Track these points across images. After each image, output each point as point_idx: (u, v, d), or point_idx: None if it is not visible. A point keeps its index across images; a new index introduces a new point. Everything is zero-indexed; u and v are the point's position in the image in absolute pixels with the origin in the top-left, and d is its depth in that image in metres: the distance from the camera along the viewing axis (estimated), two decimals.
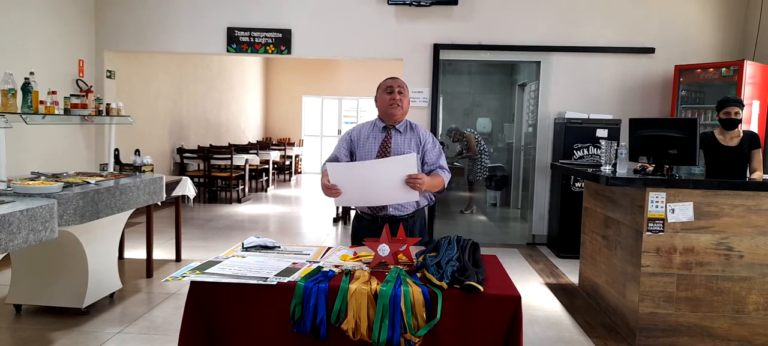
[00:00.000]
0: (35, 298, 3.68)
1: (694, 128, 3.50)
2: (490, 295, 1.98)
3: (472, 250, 2.28)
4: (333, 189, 2.53)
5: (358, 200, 2.68)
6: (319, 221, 7.69)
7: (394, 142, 2.75)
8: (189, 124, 9.62)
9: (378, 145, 2.75)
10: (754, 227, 3.40)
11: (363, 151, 2.76)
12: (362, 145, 2.77)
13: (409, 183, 2.50)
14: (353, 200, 2.68)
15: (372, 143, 2.76)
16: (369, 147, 2.76)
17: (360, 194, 2.61)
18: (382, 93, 2.77)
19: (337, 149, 2.83)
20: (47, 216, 2.68)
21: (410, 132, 2.81)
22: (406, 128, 2.81)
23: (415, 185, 2.50)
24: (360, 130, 2.83)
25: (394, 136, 2.77)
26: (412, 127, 2.83)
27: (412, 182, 2.50)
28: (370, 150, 2.76)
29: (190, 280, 2.04)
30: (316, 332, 1.96)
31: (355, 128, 2.86)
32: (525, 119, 7.64)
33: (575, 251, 5.11)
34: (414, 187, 2.51)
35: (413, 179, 2.50)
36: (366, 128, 2.83)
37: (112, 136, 4.93)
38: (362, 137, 2.79)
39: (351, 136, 2.82)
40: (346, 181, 2.55)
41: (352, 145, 2.80)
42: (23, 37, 5.34)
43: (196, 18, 6.47)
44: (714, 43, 6.24)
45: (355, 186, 2.56)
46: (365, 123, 2.88)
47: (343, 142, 2.83)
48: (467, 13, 6.30)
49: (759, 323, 3.45)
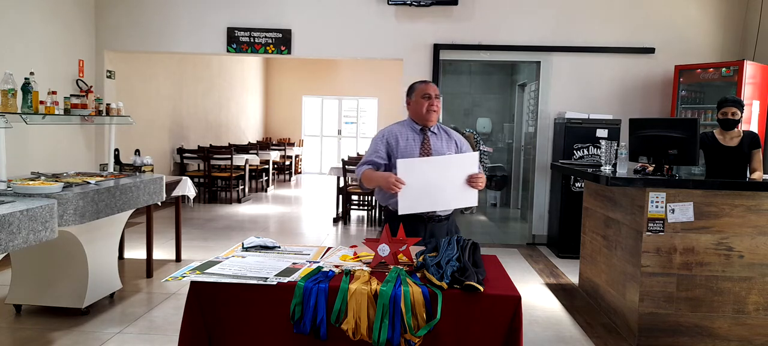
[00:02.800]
0: (35, 298, 3.68)
1: (694, 128, 3.50)
2: (490, 295, 1.98)
3: (472, 250, 2.28)
4: (399, 182, 2.50)
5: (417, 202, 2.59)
6: (319, 221, 7.69)
7: (433, 145, 2.77)
8: (189, 125, 9.62)
9: (418, 147, 2.76)
10: (754, 227, 3.40)
11: (403, 153, 2.74)
12: (402, 146, 2.75)
13: (471, 182, 2.56)
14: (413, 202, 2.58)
15: (412, 144, 2.76)
16: (409, 147, 2.75)
17: (422, 194, 2.57)
18: (419, 98, 2.77)
19: (373, 152, 2.78)
20: (47, 216, 2.68)
21: (445, 135, 2.84)
22: (439, 130, 2.84)
23: (477, 184, 2.56)
24: (394, 132, 2.81)
25: (431, 138, 2.79)
26: (447, 133, 2.87)
27: (474, 181, 2.56)
28: (411, 150, 2.75)
29: (190, 280, 2.04)
30: (316, 332, 1.96)
31: (387, 131, 2.84)
32: (525, 119, 7.65)
33: (575, 251, 5.11)
34: (475, 185, 2.56)
35: (475, 177, 2.56)
36: (400, 131, 2.81)
37: (112, 136, 4.93)
38: (400, 138, 2.78)
39: (387, 139, 2.79)
40: (414, 176, 2.54)
41: (389, 147, 2.77)
42: (23, 37, 5.34)
43: (196, 18, 6.47)
44: (714, 43, 6.24)
45: (420, 184, 2.54)
46: (396, 125, 2.86)
47: (379, 143, 2.79)
48: (467, 13, 6.30)
49: (759, 323, 3.45)
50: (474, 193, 2.63)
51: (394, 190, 2.54)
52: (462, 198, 2.63)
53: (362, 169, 2.76)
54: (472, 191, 2.61)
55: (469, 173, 2.59)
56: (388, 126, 2.89)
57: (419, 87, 2.81)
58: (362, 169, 2.76)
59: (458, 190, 2.59)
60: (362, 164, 2.79)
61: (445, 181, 2.59)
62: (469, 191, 2.60)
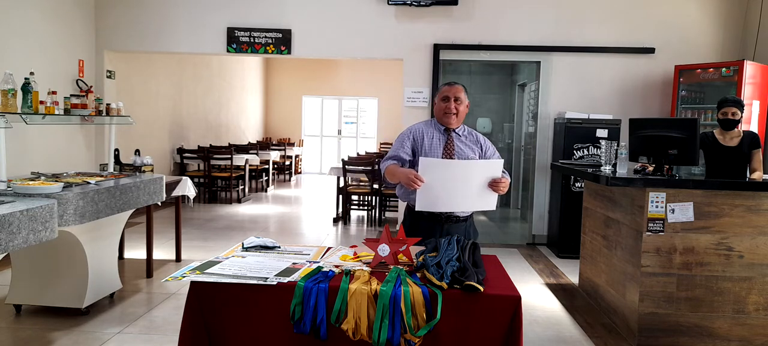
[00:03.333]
0: (35, 298, 3.68)
1: (694, 128, 3.50)
2: (490, 295, 1.98)
3: (472, 250, 2.28)
4: (418, 179, 2.51)
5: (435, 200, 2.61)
6: (319, 221, 7.69)
7: (457, 147, 2.79)
8: (189, 124, 9.62)
9: (442, 147, 2.78)
10: (754, 227, 3.40)
11: (428, 152, 2.77)
12: (427, 144, 2.78)
13: (493, 186, 2.57)
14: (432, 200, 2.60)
15: (436, 143, 2.78)
16: (434, 146, 2.77)
17: (441, 193, 2.59)
18: (439, 100, 2.80)
19: (399, 147, 2.80)
20: (47, 216, 2.68)
21: (470, 137, 2.86)
22: (464, 132, 2.85)
23: (500, 188, 2.57)
24: (421, 130, 2.84)
25: (455, 139, 2.81)
26: (473, 135, 2.88)
27: (496, 186, 2.57)
28: (435, 149, 2.77)
29: (190, 280, 2.04)
30: (316, 332, 1.96)
31: (414, 128, 2.87)
32: (525, 119, 7.65)
33: (575, 251, 5.11)
34: (497, 189, 2.58)
35: (498, 181, 2.57)
36: (426, 129, 2.84)
37: (112, 136, 4.93)
38: (425, 136, 2.80)
39: (413, 135, 2.82)
40: (434, 175, 2.55)
41: (415, 144, 2.80)
42: (23, 37, 5.34)
43: (196, 18, 6.47)
44: (714, 43, 6.24)
45: (440, 184, 2.56)
46: (422, 123, 2.89)
47: (405, 139, 2.81)
48: (467, 13, 6.30)
49: (759, 323, 3.45)
50: (494, 197, 2.63)
51: (413, 186, 2.55)
52: (481, 201, 2.64)
53: (387, 164, 2.77)
54: (492, 195, 2.62)
55: (492, 177, 2.59)
56: (416, 123, 2.92)
57: (442, 88, 2.82)
58: (387, 163, 2.77)
59: (478, 193, 2.60)
60: (387, 159, 2.80)
61: (466, 183, 2.60)
62: (489, 195, 2.61)
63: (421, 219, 2.76)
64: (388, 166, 2.74)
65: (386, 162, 2.79)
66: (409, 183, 2.56)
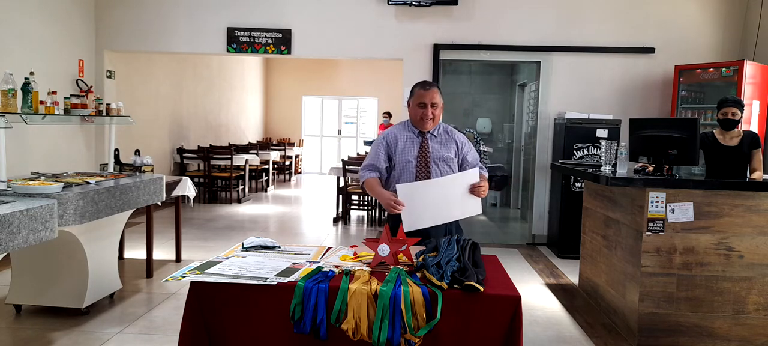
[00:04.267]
0: (35, 298, 3.68)
1: (694, 128, 3.50)
2: (490, 295, 1.98)
3: (472, 250, 2.28)
4: (399, 204, 2.55)
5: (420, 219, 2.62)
6: (319, 221, 7.69)
7: (432, 148, 2.79)
8: (189, 124, 9.62)
9: (416, 151, 2.78)
10: (754, 227, 3.40)
11: (402, 157, 2.78)
12: (400, 150, 2.79)
13: (474, 191, 2.61)
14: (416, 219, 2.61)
15: (410, 148, 2.78)
16: (407, 151, 2.78)
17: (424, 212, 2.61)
18: (414, 105, 2.79)
19: (375, 156, 2.82)
20: (47, 216, 2.68)
21: (445, 136, 2.85)
22: (440, 133, 2.85)
23: (480, 192, 2.61)
24: (394, 134, 2.84)
25: (430, 140, 2.81)
26: (448, 133, 2.87)
27: (476, 190, 2.61)
28: (408, 154, 2.78)
29: (190, 280, 2.04)
30: (316, 332, 1.96)
31: (388, 133, 2.87)
32: (525, 119, 7.64)
33: (575, 251, 5.11)
34: (478, 193, 2.61)
35: (478, 186, 2.60)
36: (399, 133, 2.84)
37: (112, 136, 4.93)
38: (399, 140, 2.81)
39: (387, 141, 2.83)
40: (414, 199, 2.58)
41: (389, 150, 2.82)
42: (23, 37, 5.34)
43: (196, 18, 6.47)
44: (714, 43, 6.24)
45: (421, 204, 2.59)
46: (396, 127, 2.89)
47: (380, 147, 2.83)
48: (467, 13, 6.30)
49: (759, 323, 3.45)
50: (477, 202, 2.66)
51: (394, 212, 2.59)
52: (465, 209, 2.67)
53: (365, 176, 2.81)
54: (475, 200, 2.65)
55: (471, 183, 2.62)
56: (390, 128, 2.93)
57: (417, 92, 2.81)
58: (365, 175, 2.81)
59: (461, 202, 2.64)
60: (364, 169, 2.83)
61: (447, 197, 2.63)
62: (472, 201, 2.64)
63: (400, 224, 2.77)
64: (367, 181, 2.78)
65: (364, 174, 2.81)
66: (389, 208, 2.60)
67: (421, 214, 2.61)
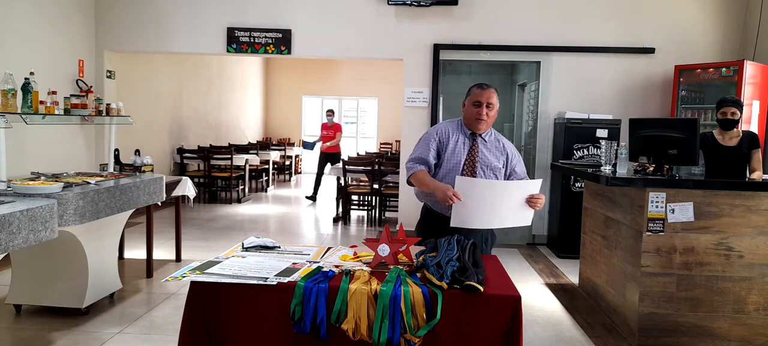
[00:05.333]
0: (35, 298, 3.68)
1: (694, 128, 3.50)
2: (490, 295, 1.98)
3: (472, 250, 2.28)
4: (456, 197, 2.47)
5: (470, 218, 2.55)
6: (319, 221, 7.69)
7: (481, 153, 2.74)
8: (189, 124, 9.62)
9: (466, 154, 2.73)
10: (754, 227, 3.40)
11: (452, 157, 2.73)
12: (451, 149, 2.74)
13: (530, 202, 2.54)
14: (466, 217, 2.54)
15: (461, 150, 2.73)
16: (458, 153, 2.73)
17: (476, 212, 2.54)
18: (470, 104, 2.73)
19: (424, 150, 2.75)
20: (47, 216, 2.68)
21: (496, 144, 2.80)
22: (491, 138, 2.80)
23: (536, 205, 2.55)
24: (446, 131, 2.78)
25: (480, 145, 2.76)
26: (500, 141, 2.82)
27: (533, 202, 2.54)
28: (458, 157, 2.73)
29: (190, 280, 2.04)
30: (316, 332, 1.96)
31: (440, 128, 2.81)
32: (525, 119, 7.64)
33: (575, 251, 5.11)
34: (534, 206, 2.55)
35: (535, 198, 2.54)
36: (451, 130, 2.78)
37: (112, 136, 4.93)
38: (450, 139, 2.75)
39: (439, 137, 2.76)
40: (470, 194, 2.50)
41: (440, 146, 2.76)
42: (23, 37, 5.34)
43: (196, 18, 6.47)
44: (714, 43, 6.24)
45: (477, 202, 2.52)
46: (449, 123, 2.83)
47: (431, 142, 2.76)
48: (467, 13, 6.30)
49: (759, 323, 3.45)
50: (530, 213, 2.59)
51: (449, 203, 2.50)
52: (516, 218, 2.59)
53: (416, 169, 2.71)
54: (528, 212, 2.58)
55: (530, 194, 2.56)
56: (442, 123, 2.87)
57: (474, 92, 2.75)
58: (416, 167, 2.72)
59: (514, 211, 2.56)
60: (414, 162, 2.75)
61: (503, 203, 2.56)
62: (524, 212, 2.57)
63: (440, 222, 2.71)
64: (416, 173, 2.69)
65: (413, 166, 2.73)
66: (445, 200, 2.50)
67: (472, 213, 2.53)
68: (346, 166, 7.33)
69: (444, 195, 2.51)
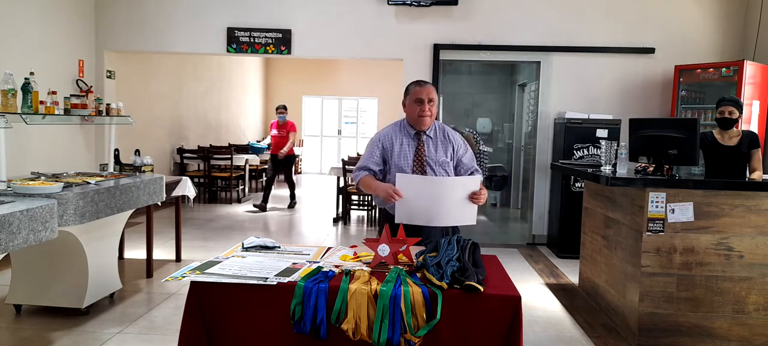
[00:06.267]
0: (35, 298, 3.68)
1: (694, 128, 3.51)
2: (490, 295, 1.98)
3: (472, 250, 2.28)
4: (396, 194, 2.52)
5: (413, 214, 2.59)
6: (319, 221, 7.69)
7: (427, 150, 2.77)
8: (189, 125, 9.62)
9: (412, 153, 2.76)
10: (754, 227, 3.40)
11: (398, 159, 2.76)
12: (396, 152, 2.77)
13: (473, 199, 2.56)
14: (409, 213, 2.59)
15: (406, 150, 2.76)
16: (403, 154, 2.76)
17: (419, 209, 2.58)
18: (412, 102, 2.76)
19: (368, 158, 2.80)
20: (47, 216, 2.68)
21: (441, 137, 2.82)
22: (436, 133, 2.82)
23: (479, 200, 2.57)
24: (390, 136, 2.81)
25: (426, 142, 2.78)
26: (444, 133, 2.83)
27: (476, 198, 2.56)
28: (405, 157, 2.75)
29: (190, 280, 2.04)
30: (316, 332, 1.96)
31: (383, 134, 2.84)
32: (525, 119, 7.64)
33: (575, 251, 5.11)
34: (476, 201, 2.57)
35: (477, 195, 2.56)
36: (395, 134, 2.81)
37: (112, 136, 4.93)
38: (395, 143, 2.78)
39: (382, 143, 2.80)
40: (412, 192, 2.55)
41: (385, 153, 2.79)
42: (23, 37, 5.34)
43: (196, 18, 6.47)
44: (714, 43, 6.24)
45: (418, 199, 2.55)
46: (392, 127, 2.86)
47: (375, 148, 2.80)
48: (467, 13, 6.30)
49: (759, 323, 3.45)
50: (473, 210, 2.61)
51: (391, 201, 2.56)
52: (460, 216, 2.62)
53: (360, 175, 2.79)
54: (471, 208, 2.60)
55: (471, 191, 2.58)
56: (384, 128, 2.89)
57: (413, 90, 2.79)
58: (360, 174, 2.79)
59: (457, 207, 2.59)
60: (359, 169, 2.81)
61: (444, 199, 2.58)
62: (468, 208, 2.59)
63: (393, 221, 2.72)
64: (362, 179, 2.76)
65: (359, 172, 2.80)
66: (387, 198, 2.57)
67: (414, 209, 2.58)
68: (345, 166, 7.33)
69: (386, 193, 2.57)
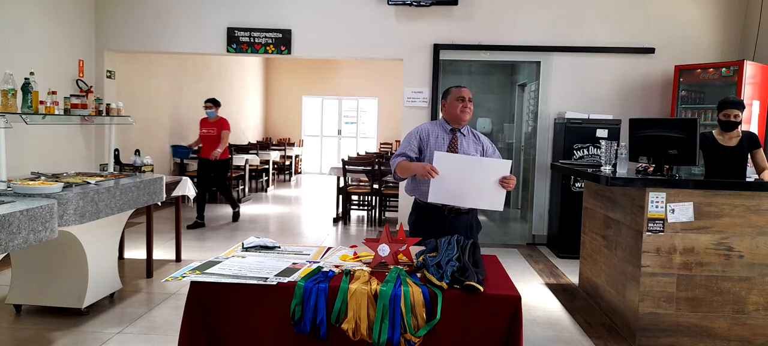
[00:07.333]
0: (35, 298, 3.68)
1: (694, 128, 3.50)
2: (490, 295, 1.98)
3: (472, 250, 2.28)
4: (434, 171, 2.66)
5: (447, 193, 2.75)
6: (319, 221, 7.69)
7: (460, 144, 2.97)
8: (189, 124, 9.61)
9: (447, 145, 2.95)
10: (754, 227, 3.40)
11: (434, 148, 2.91)
12: (432, 142, 2.95)
13: (503, 183, 2.72)
14: (443, 192, 2.74)
15: (442, 142, 2.96)
16: (439, 145, 2.95)
17: (453, 188, 2.72)
18: (454, 100, 2.97)
19: (407, 145, 2.97)
20: (47, 216, 2.68)
21: (472, 136, 3.05)
22: (468, 132, 3.04)
23: (509, 185, 2.72)
24: (427, 129, 3.01)
25: (460, 138, 2.98)
26: (474, 134, 3.07)
27: (506, 183, 2.72)
28: (440, 147, 2.93)
29: (190, 280, 2.04)
30: (316, 332, 1.96)
31: (421, 127, 3.04)
32: (525, 119, 7.64)
33: (575, 251, 5.11)
34: (507, 186, 2.72)
35: (507, 179, 2.72)
36: (432, 128, 3.02)
37: (112, 136, 4.93)
38: (431, 135, 2.98)
39: (420, 135, 3.00)
40: (447, 169, 2.70)
41: (421, 143, 2.97)
42: (23, 37, 5.34)
43: (196, 18, 6.47)
44: (714, 43, 6.24)
45: (453, 177, 2.71)
46: (430, 123, 3.08)
47: (413, 138, 2.99)
48: (467, 13, 6.30)
49: (759, 323, 3.45)
50: (502, 196, 2.76)
51: (429, 177, 2.69)
52: (490, 199, 2.77)
53: (397, 160, 2.94)
54: (501, 194, 2.75)
55: (502, 175, 2.73)
56: (423, 124, 3.10)
57: (454, 90, 3.00)
58: (397, 160, 2.94)
59: (488, 191, 2.74)
60: (397, 156, 2.97)
61: (477, 180, 2.74)
62: (498, 193, 2.74)
63: (427, 212, 2.91)
64: (400, 162, 2.91)
65: (396, 158, 2.96)
66: (424, 174, 2.70)
67: (449, 188, 2.72)
68: (345, 166, 7.33)
69: (423, 170, 2.71)
